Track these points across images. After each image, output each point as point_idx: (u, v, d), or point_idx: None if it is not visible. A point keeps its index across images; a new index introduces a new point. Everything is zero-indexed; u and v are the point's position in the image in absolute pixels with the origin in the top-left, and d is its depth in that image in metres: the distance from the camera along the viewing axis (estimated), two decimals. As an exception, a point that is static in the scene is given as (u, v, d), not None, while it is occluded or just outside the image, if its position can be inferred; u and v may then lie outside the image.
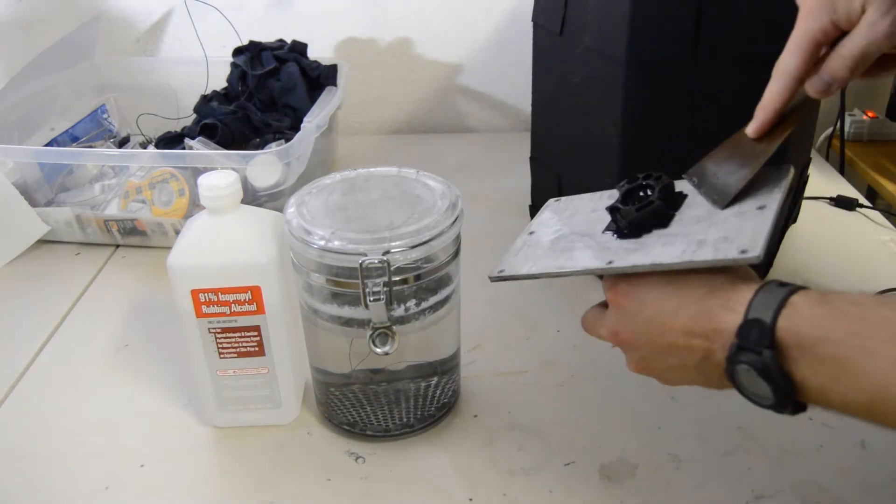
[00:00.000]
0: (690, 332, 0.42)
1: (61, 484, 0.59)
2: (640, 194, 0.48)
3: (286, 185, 0.88)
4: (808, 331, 0.37)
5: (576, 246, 0.50)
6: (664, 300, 0.44)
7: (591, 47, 0.73)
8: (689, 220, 0.46)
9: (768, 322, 0.38)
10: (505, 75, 1.28)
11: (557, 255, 0.50)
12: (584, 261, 0.48)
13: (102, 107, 1.11)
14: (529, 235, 0.55)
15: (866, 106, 1.27)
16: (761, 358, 0.38)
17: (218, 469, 0.60)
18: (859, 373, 0.35)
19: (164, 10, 1.23)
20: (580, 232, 0.51)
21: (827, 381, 0.37)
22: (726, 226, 0.44)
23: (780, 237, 0.84)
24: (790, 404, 0.39)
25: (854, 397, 0.36)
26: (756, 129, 0.48)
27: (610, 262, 0.46)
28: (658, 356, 0.45)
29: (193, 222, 0.58)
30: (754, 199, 0.45)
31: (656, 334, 0.44)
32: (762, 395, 0.39)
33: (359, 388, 0.60)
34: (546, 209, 0.58)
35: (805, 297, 0.38)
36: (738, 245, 0.41)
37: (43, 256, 0.92)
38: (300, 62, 1.06)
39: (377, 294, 0.52)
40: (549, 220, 0.56)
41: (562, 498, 0.56)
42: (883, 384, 0.35)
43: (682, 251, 0.43)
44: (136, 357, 0.73)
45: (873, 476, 0.57)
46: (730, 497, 0.56)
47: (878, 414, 0.36)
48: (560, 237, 0.52)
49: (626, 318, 0.46)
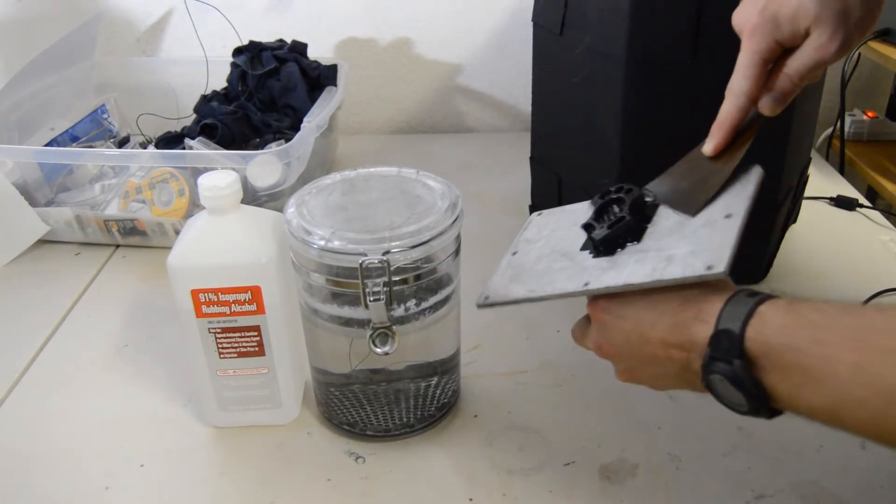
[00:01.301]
0: (668, 344, 0.43)
1: (61, 484, 0.59)
2: (612, 209, 0.50)
3: (286, 185, 0.88)
4: (775, 339, 0.38)
5: (554, 267, 0.51)
6: (641, 314, 0.45)
7: (591, 47, 0.73)
8: (662, 233, 0.47)
9: (737, 332, 0.39)
10: (505, 75, 1.28)
11: (538, 279, 0.51)
12: (562, 284, 0.49)
13: (102, 107, 1.11)
14: (513, 256, 0.56)
15: (866, 106, 1.27)
16: (732, 367, 0.39)
17: (218, 469, 0.60)
18: (822, 380, 0.36)
19: (164, 10, 1.23)
20: (560, 251, 0.52)
21: (794, 388, 0.38)
22: (695, 238, 0.45)
23: (780, 237, 0.84)
24: (764, 410, 0.40)
25: (818, 403, 0.37)
26: (714, 147, 0.49)
27: (586, 283, 0.47)
28: (642, 366, 0.47)
29: (193, 222, 0.58)
30: (722, 205, 0.46)
31: (637, 346, 0.45)
32: (737, 402, 0.40)
33: (359, 388, 0.60)
34: (530, 225, 0.59)
35: (772, 306, 0.39)
36: (704, 260, 0.42)
37: (43, 256, 0.92)
38: (300, 62, 1.06)
39: (377, 294, 0.52)
40: (532, 236, 0.57)
41: (562, 498, 0.56)
42: (842, 390, 0.35)
43: (652, 269, 0.44)
44: (136, 357, 0.73)
45: (873, 476, 0.57)
46: (730, 497, 0.56)
47: (841, 420, 0.37)
48: (541, 257, 0.53)
49: (607, 333, 0.48)
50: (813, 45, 0.46)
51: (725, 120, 0.49)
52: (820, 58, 0.46)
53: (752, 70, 0.48)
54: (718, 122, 0.49)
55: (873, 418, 0.35)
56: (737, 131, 0.49)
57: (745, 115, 0.49)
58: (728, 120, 0.49)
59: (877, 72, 1.27)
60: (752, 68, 0.48)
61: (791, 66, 0.47)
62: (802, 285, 0.81)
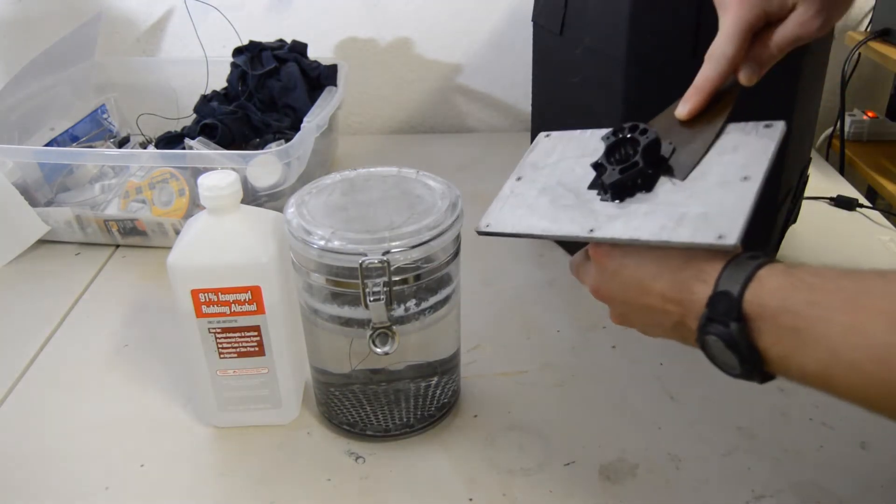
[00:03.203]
0: (666, 298, 0.43)
1: (61, 484, 0.59)
2: (625, 149, 0.48)
3: (286, 185, 0.88)
4: (771, 302, 0.38)
5: (560, 203, 0.49)
6: (643, 265, 0.45)
7: (591, 47, 0.73)
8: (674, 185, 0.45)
9: (735, 294, 0.39)
10: (505, 75, 1.28)
11: (543, 214, 0.50)
12: (566, 225, 0.48)
13: (102, 107, 1.11)
14: (517, 182, 0.54)
15: (866, 106, 1.27)
16: (728, 330, 0.39)
17: (218, 469, 0.60)
18: (814, 342, 0.36)
19: (164, 10, 1.23)
20: (567, 185, 0.50)
21: (786, 350, 0.37)
22: (709, 198, 0.43)
23: (780, 237, 0.84)
24: (757, 374, 0.40)
25: (810, 367, 0.37)
26: (689, 111, 0.48)
27: (591, 230, 0.46)
28: (637, 314, 0.47)
29: (193, 222, 0.58)
30: (740, 162, 0.44)
31: (634, 295, 0.46)
32: (730, 365, 0.40)
33: (359, 388, 0.60)
34: (536, 146, 0.57)
35: (771, 269, 0.39)
36: (715, 228, 0.41)
37: (43, 256, 0.92)
38: (300, 62, 1.06)
39: (377, 294, 0.52)
40: (537, 161, 0.55)
41: (562, 498, 0.56)
42: (834, 352, 0.35)
43: (661, 227, 0.43)
44: (136, 357, 0.73)
45: (873, 476, 0.57)
46: (730, 497, 0.56)
47: (831, 383, 0.36)
48: (546, 188, 0.51)
49: (607, 277, 0.48)
50: (797, 20, 0.47)
51: (705, 84, 0.48)
52: (802, 32, 0.47)
53: (738, 36, 0.47)
54: (696, 86, 0.48)
55: (864, 382, 0.35)
56: (713, 97, 0.48)
57: (724, 81, 0.48)
58: (707, 84, 0.48)
59: (877, 72, 1.27)
60: (738, 35, 0.47)
61: (774, 38, 0.48)
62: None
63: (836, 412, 0.63)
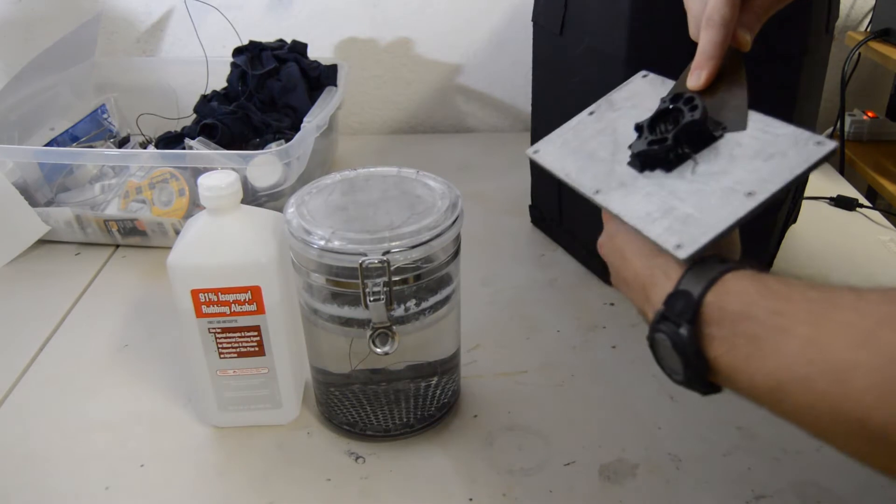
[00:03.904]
0: (638, 278, 0.43)
1: (61, 484, 0.59)
2: (672, 118, 0.46)
3: (286, 185, 0.88)
4: (732, 306, 0.36)
5: (598, 154, 0.49)
6: (631, 238, 0.45)
7: (591, 47, 0.73)
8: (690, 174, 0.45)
9: (696, 296, 0.37)
10: (505, 75, 1.28)
11: (578, 158, 0.50)
12: (583, 178, 0.48)
13: (102, 107, 1.11)
14: (588, 115, 0.54)
15: (866, 106, 1.27)
16: (678, 331, 0.37)
17: (218, 469, 0.60)
18: (770, 353, 0.34)
19: (164, 10, 1.23)
20: (616, 137, 0.50)
21: (738, 360, 0.36)
22: (704, 201, 0.42)
23: (780, 237, 0.84)
24: (700, 383, 0.38)
25: (761, 380, 0.35)
26: (706, 78, 0.47)
27: (597, 191, 0.47)
28: (620, 282, 0.47)
29: (193, 222, 0.58)
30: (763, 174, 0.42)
31: (618, 263, 0.46)
32: (674, 369, 0.39)
33: (359, 388, 0.60)
34: (628, 84, 0.55)
35: (738, 274, 0.38)
36: (680, 235, 0.40)
37: (43, 256, 0.92)
38: (300, 62, 1.06)
39: (377, 294, 0.52)
40: (617, 101, 0.54)
41: (562, 498, 0.56)
42: (788, 366, 0.33)
43: (646, 213, 0.43)
44: (136, 357, 0.73)
45: (873, 476, 0.57)
46: (730, 497, 0.56)
47: (780, 402, 0.34)
48: (601, 133, 0.51)
49: (606, 237, 0.48)
50: None
51: (714, 49, 0.46)
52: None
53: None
54: (705, 53, 0.47)
55: (817, 402, 0.32)
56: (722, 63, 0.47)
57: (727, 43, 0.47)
58: (717, 49, 0.46)
59: (877, 72, 1.27)
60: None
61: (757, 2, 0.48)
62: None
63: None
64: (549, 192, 0.90)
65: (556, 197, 0.87)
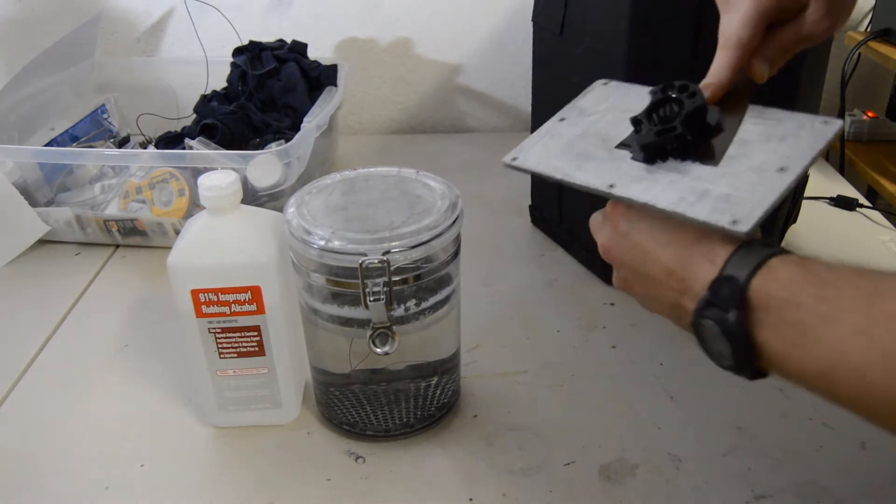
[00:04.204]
0: (670, 272, 0.42)
1: (61, 484, 0.59)
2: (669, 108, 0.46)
3: (286, 185, 0.88)
4: (778, 293, 0.36)
5: (591, 154, 0.48)
6: (655, 233, 0.44)
7: (591, 47, 0.73)
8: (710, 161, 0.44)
9: (742, 281, 0.37)
10: (505, 75, 1.28)
11: (570, 159, 0.49)
12: (589, 176, 0.46)
13: (102, 107, 1.11)
14: (559, 122, 0.53)
15: (866, 106, 1.27)
16: (727, 317, 0.37)
17: (218, 469, 0.60)
18: (819, 340, 0.34)
19: (164, 10, 1.23)
20: (605, 137, 0.49)
21: (787, 346, 0.36)
22: (737, 181, 0.42)
23: (780, 237, 0.84)
24: (749, 368, 0.38)
25: (810, 366, 0.35)
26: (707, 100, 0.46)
27: (611, 185, 0.45)
28: (638, 282, 0.46)
29: (193, 222, 0.58)
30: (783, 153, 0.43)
31: (639, 262, 0.44)
32: (722, 354, 0.39)
33: (359, 388, 0.60)
34: (590, 92, 0.55)
35: (783, 259, 0.37)
36: (733, 213, 0.40)
37: (43, 256, 0.92)
38: (300, 62, 1.06)
39: (377, 294, 0.52)
40: (587, 107, 0.53)
41: (562, 498, 0.56)
42: (838, 353, 0.33)
43: (680, 198, 0.42)
44: (136, 357, 0.73)
45: (873, 476, 0.57)
46: (730, 497, 0.56)
47: (830, 385, 0.34)
48: (584, 135, 0.50)
49: (618, 238, 0.46)
50: (808, 19, 0.46)
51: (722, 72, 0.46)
52: (812, 31, 0.46)
53: (754, 21, 0.45)
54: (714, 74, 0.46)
55: (866, 389, 0.33)
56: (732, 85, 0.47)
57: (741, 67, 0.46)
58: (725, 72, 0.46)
59: (877, 72, 1.27)
60: (755, 19, 0.45)
61: (785, 35, 0.47)
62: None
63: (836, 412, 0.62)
64: (549, 193, 0.90)
65: (556, 197, 0.87)
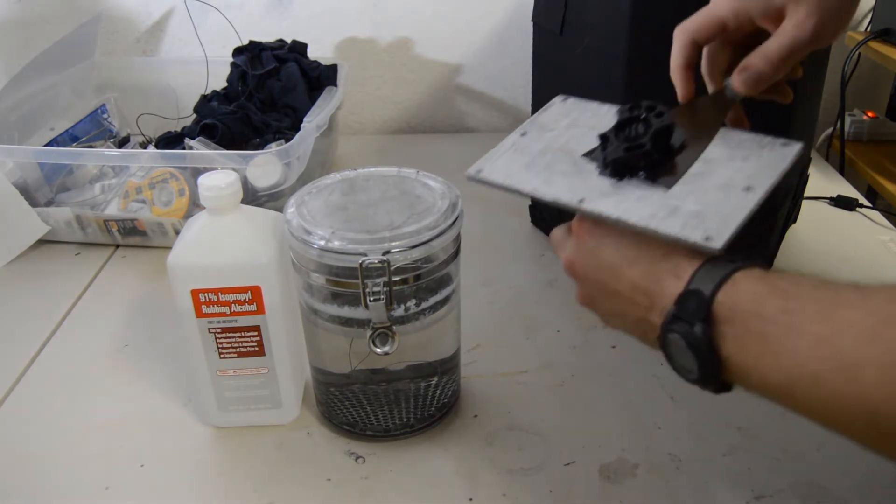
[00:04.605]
0: (636, 287, 0.42)
1: (61, 484, 0.59)
2: (636, 127, 0.47)
3: (286, 185, 0.88)
4: (743, 306, 0.37)
5: (557, 168, 0.48)
6: (622, 249, 0.44)
7: (591, 47, 0.73)
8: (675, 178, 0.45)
9: (707, 295, 0.38)
10: (505, 75, 1.28)
11: (537, 173, 0.49)
12: (557, 190, 0.47)
13: (102, 107, 1.11)
14: (521, 136, 0.53)
15: (866, 106, 1.27)
16: (692, 330, 0.38)
17: (218, 469, 0.60)
18: (781, 351, 0.35)
19: (164, 10, 1.23)
20: (570, 152, 0.50)
21: (751, 358, 0.36)
22: (705, 198, 0.43)
23: (780, 237, 0.84)
24: (714, 381, 0.39)
25: (773, 377, 0.35)
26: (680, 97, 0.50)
27: (581, 200, 0.45)
28: (604, 298, 0.46)
29: (193, 222, 0.58)
30: (747, 172, 0.44)
31: (606, 278, 0.45)
32: (688, 369, 0.39)
33: (359, 388, 0.60)
34: (550, 108, 0.56)
35: (747, 273, 0.38)
36: (705, 228, 0.40)
37: (43, 256, 0.92)
38: (300, 62, 1.06)
39: (377, 294, 0.52)
40: (547, 122, 0.54)
41: (562, 498, 0.56)
42: (800, 364, 0.34)
43: (650, 214, 0.43)
44: (136, 357, 0.73)
45: (873, 476, 0.57)
46: (730, 497, 0.56)
47: (792, 395, 0.35)
48: (548, 149, 0.51)
49: (584, 254, 0.47)
50: (791, 23, 0.46)
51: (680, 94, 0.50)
52: (797, 36, 0.46)
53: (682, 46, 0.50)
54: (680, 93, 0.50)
55: (826, 396, 0.33)
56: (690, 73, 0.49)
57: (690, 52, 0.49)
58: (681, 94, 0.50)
59: (877, 72, 1.27)
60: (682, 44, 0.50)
61: (770, 45, 0.47)
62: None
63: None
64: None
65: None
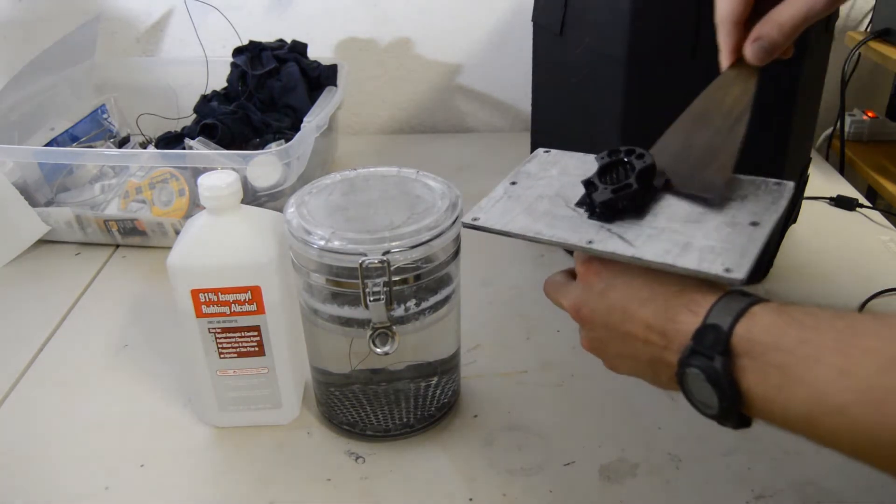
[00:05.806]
0: (650, 327, 0.42)
1: (61, 484, 0.59)
2: (619, 170, 0.47)
3: (286, 185, 0.88)
4: (761, 338, 0.37)
5: (557, 213, 0.49)
6: (633, 289, 0.43)
7: (591, 47, 0.73)
8: (677, 215, 0.45)
9: (725, 328, 0.38)
10: (505, 75, 1.28)
11: (537, 218, 0.49)
12: (564, 233, 0.47)
13: (102, 107, 1.11)
14: (511, 185, 0.53)
15: (866, 106, 1.27)
16: (712, 363, 0.37)
17: (218, 469, 0.60)
18: (801, 382, 0.35)
19: (164, 10, 1.23)
20: (566, 198, 0.50)
21: (771, 391, 0.36)
22: (717, 234, 0.43)
23: (780, 238, 0.84)
24: (734, 416, 0.38)
25: (794, 409, 0.35)
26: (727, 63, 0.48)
27: (590, 241, 0.45)
28: (613, 341, 0.45)
29: (193, 222, 0.58)
30: (749, 210, 0.45)
31: (617, 320, 0.44)
32: (707, 403, 0.39)
33: (359, 388, 0.60)
34: (534, 159, 0.56)
35: (764, 307, 0.38)
36: (723, 261, 0.41)
37: (43, 256, 0.92)
38: (300, 62, 1.06)
39: (377, 294, 0.52)
40: (534, 171, 0.54)
41: (562, 498, 0.56)
42: (821, 394, 0.34)
43: (665, 250, 0.43)
44: (136, 357, 0.73)
45: (873, 476, 0.57)
46: (730, 497, 0.56)
47: (815, 427, 0.35)
48: (543, 196, 0.51)
49: (592, 297, 0.46)
50: None
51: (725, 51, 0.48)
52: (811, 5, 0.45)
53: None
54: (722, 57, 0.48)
55: (849, 427, 0.33)
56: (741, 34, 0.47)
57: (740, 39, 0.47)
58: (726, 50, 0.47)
59: (877, 72, 1.27)
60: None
61: (782, 13, 0.46)
62: (802, 285, 0.81)
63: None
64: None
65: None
